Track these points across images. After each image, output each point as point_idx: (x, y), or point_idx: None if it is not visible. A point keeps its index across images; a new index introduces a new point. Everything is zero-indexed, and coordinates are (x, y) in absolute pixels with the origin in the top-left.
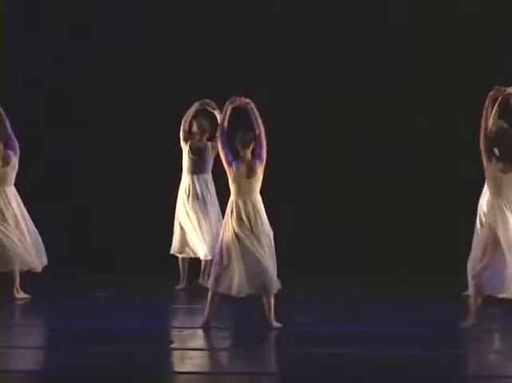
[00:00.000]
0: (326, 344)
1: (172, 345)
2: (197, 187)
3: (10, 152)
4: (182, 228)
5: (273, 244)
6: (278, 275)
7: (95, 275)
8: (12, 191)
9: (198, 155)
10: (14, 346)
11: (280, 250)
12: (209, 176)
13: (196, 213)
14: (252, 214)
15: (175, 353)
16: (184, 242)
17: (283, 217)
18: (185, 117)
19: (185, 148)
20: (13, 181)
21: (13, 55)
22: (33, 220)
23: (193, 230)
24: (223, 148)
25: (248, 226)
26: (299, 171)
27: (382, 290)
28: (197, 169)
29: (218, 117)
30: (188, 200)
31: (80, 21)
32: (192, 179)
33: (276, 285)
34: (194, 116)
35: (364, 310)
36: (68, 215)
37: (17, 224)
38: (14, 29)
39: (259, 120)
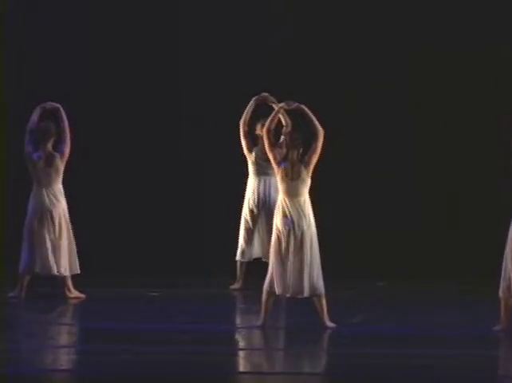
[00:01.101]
0: (379, 344)
1: (228, 345)
2: (262, 191)
3: (56, 154)
4: (247, 233)
5: (317, 245)
6: (330, 276)
7: (147, 276)
8: (59, 191)
9: (264, 158)
10: (67, 346)
11: (331, 250)
12: (274, 179)
13: (261, 216)
14: (296, 214)
15: (232, 353)
16: (248, 249)
17: (332, 217)
18: (243, 118)
19: (249, 152)
20: (58, 182)
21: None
22: (82, 222)
23: (257, 233)
24: (272, 148)
25: (291, 224)
26: (343, 170)
27: (433, 290)
28: (263, 172)
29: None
30: (254, 203)
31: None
32: (259, 183)
33: (321, 286)
34: (254, 113)
35: (415, 311)
36: (121, 215)
37: (60, 226)
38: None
39: (316, 123)
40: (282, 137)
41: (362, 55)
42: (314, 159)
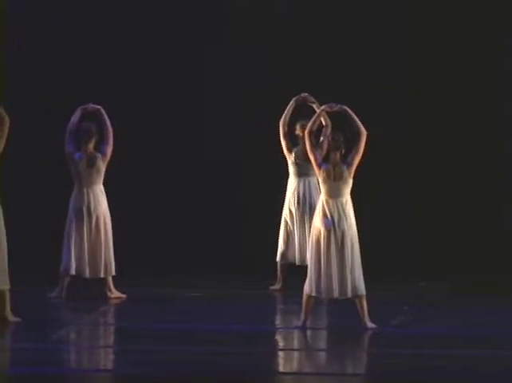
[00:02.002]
0: (420, 345)
1: (269, 346)
2: (302, 192)
3: (98, 155)
4: (287, 234)
5: (358, 246)
6: (371, 276)
7: (188, 276)
8: (100, 192)
9: (304, 158)
10: (107, 346)
11: (372, 250)
12: (314, 180)
13: (301, 217)
14: (337, 214)
15: (272, 353)
16: (288, 250)
17: (373, 218)
18: (283, 119)
19: (289, 152)
20: (99, 182)
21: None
22: (121, 222)
23: (296, 235)
24: (313, 149)
25: (331, 225)
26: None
27: (471, 290)
28: (303, 173)
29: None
30: (294, 204)
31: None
32: (299, 184)
33: (362, 287)
34: (293, 114)
35: (456, 311)
36: (161, 215)
37: (99, 227)
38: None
39: (359, 124)
40: (322, 138)
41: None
42: (357, 161)
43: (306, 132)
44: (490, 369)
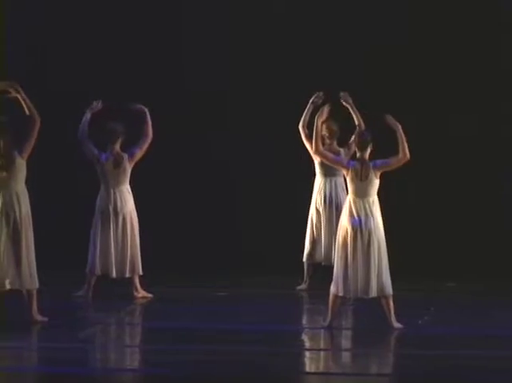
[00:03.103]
0: (446, 345)
1: (295, 346)
2: (328, 192)
3: (125, 155)
4: (314, 234)
5: (385, 246)
6: (398, 277)
7: (214, 275)
8: (127, 192)
9: None
10: (134, 345)
11: (399, 251)
12: (341, 180)
13: (328, 217)
14: (364, 214)
15: (299, 353)
16: (315, 249)
17: (398, 219)
18: (302, 122)
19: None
20: (126, 182)
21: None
22: (147, 221)
23: (323, 235)
24: (308, 140)
25: (358, 224)
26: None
27: (498, 292)
28: (329, 173)
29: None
30: (320, 204)
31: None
32: (325, 184)
33: (389, 287)
34: (312, 116)
35: (483, 312)
36: (187, 215)
37: (126, 227)
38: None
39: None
40: (353, 137)
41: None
42: (384, 170)
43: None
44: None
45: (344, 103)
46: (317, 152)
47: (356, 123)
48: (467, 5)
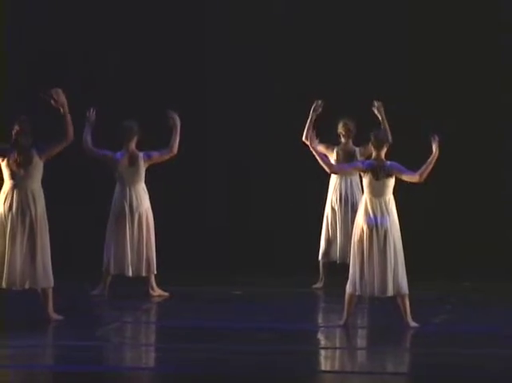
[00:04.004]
0: (463, 344)
1: (311, 344)
2: (344, 190)
3: (140, 154)
4: (329, 233)
5: (401, 244)
6: (414, 275)
7: (229, 274)
8: (142, 191)
9: (346, 159)
10: (149, 344)
11: (415, 250)
12: (356, 179)
13: (343, 216)
14: (380, 212)
15: (314, 351)
16: (330, 248)
17: (414, 218)
18: (304, 135)
19: (330, 151)
20: (141, 181)
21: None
22: (163, 220)
23: (338, 233)
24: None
25: (374, 223)
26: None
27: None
28: (344, 173)
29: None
30: (336, 202)
31: None
32: (340, 183)
33: (405, 286)
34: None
35: (499, 311)
36: (202, 213)
37: (141, 226)
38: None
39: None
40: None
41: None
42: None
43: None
44: None
45: (376, 112)
46: (332, 172)
47: (380, 119)
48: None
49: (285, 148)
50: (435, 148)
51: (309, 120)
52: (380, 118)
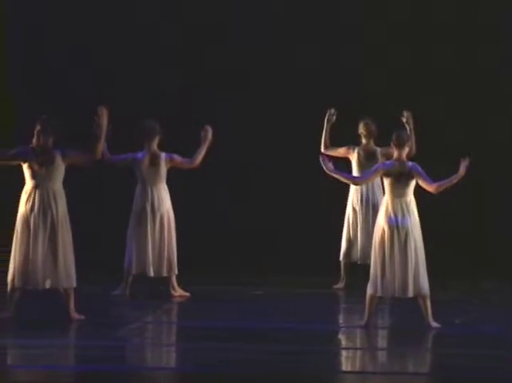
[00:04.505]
0: (483, 345)
1: (332, 345)
2: (365, 191)
3: (162, 154)
4: (350, 233)
5: (422, 245)
6: (435, 276)
7: (251, 274)
8: (163, 190)
9: (368, 159)
10: (170, 344)
11: (436, 251)
12: (377, 179)
13: (364, 216)
14: (401, 213)
15: (335, 352)
16: (351, 249)
17: (435, 218)
18: (322, 145)
19: (351, 152)
20: (163, 181)
21: None
22: (185, 220)
23: (359, 234)
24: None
25: (395, 224)
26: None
27: None
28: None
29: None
30: (357, 203)
31: None
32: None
33: (426, 286)
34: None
35: None
36: (224, 216)
37: (162, 226)
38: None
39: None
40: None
41: None
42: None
43: (324, 151)
44: None
45: (404, 121)
46: (357, 184)
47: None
48: None
49: (307, 146)
50: (462, 169)
51: (324, 131)
52: (408, 129)
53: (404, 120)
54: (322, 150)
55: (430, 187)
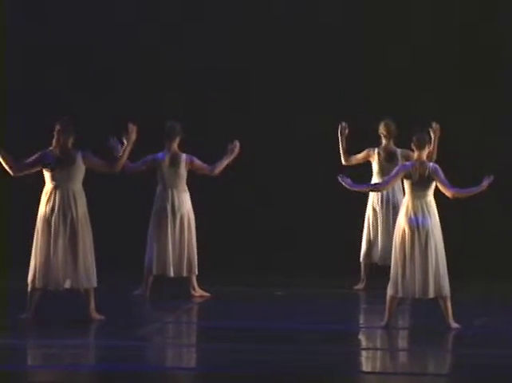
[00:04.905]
0: (504, 345)
1: (352, 345)
2: (385, 191)
3: (183, 156)
4: (370, 234)
5: (442, 246)
6: (456, 277)
7: (272, 275)
8: (183, 191)
9: (388, 160)
10: (190, 344)
11: (457, 251)
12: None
13: (385, 217)
14: (422, 214)
15: (356, 352)
16: (371, 249)
17: (455, 219)
18: (343, 158)
19: (372, 153)
20: (183, 181)
21: None
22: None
23: (380, 235)
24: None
25: (416, 225)
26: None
27: None
28: (386, 172)
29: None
30: (377, 203)
31: None
32: None
33: (447, 287)
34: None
35: None
36: (244, 216)
37: (183, 227)
38: None
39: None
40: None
41: None
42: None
43: (344, 163)
44: None
45: (431, 132)
46: (382, 190)
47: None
48: None
49: (326, 148)
50: (485, 184)
51: (340, 145)
52: (432, 139)
53: (432, 131)
54: (343, 163)
55: (447, 192)
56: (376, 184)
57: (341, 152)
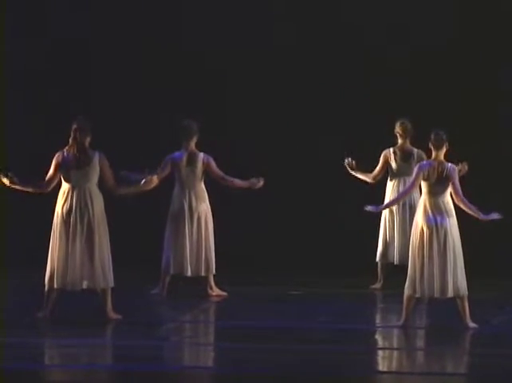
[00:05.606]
0: None
1: (369, 344)
2: (402, 189)
3: (200, 155)
4: (387, 234)
5: (460, 245)
6: (473, 276)
7: (288, 274)
8: (201, 191)
9: (404, 159)
10: (207, 343)
11: (473, 251)
12: None
13: (402, 217)
14: (439, 213)
15: (372, 352)
16: (388, 249)
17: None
18: (371, 180)
19: (388, 158)
20: (201, 181)
21: None
22: (225, 220)
23: (396, 234)
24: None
25: (434, 224)
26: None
27: None
28: (403, 172)
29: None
30: (395, 206)
31: None
32: (398, 184)
33: (464, 287)
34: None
35: None
36: (262, 216)
37: (200, 227)
38: None
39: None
40: None
41: None
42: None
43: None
44: None
45: (460, 166)
46: (407, 196)
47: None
48: None
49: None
50: (488, 218)
51: (359, 176)
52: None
53: (459, 168)
54: (372, 182)
55: (456, 197)
56: (401, 194)
57: (364, 178)
